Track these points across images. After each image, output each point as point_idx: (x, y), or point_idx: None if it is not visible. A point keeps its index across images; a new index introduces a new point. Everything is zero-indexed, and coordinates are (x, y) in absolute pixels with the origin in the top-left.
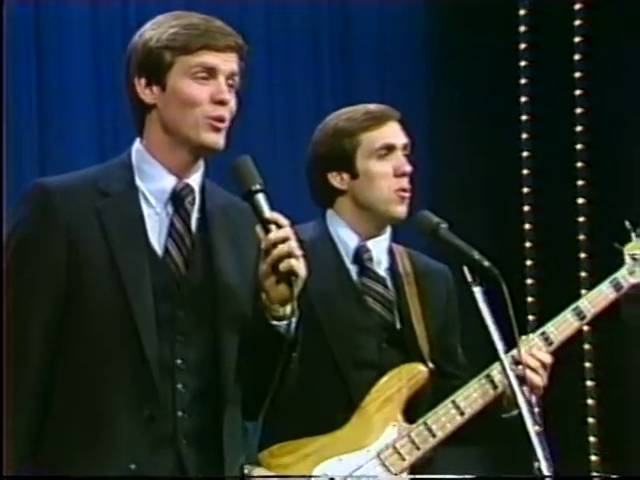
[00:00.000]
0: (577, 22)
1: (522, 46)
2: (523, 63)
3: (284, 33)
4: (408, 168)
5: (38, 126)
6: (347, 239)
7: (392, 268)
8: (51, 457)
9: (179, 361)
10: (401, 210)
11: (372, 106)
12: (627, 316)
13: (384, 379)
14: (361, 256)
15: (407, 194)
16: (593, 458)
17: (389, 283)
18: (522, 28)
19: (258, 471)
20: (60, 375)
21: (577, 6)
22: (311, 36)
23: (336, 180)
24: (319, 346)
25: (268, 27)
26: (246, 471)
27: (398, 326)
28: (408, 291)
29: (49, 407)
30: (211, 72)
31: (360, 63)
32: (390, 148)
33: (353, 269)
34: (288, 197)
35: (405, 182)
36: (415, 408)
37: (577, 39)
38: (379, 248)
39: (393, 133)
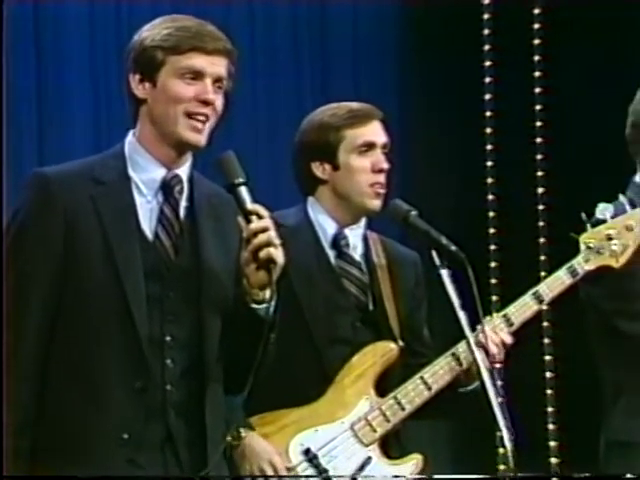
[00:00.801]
0: (536, 25)
1: (486, 47)
2: (487, 63)
3: (267, 34)
4: (385, 165)
5: (37, 124)
6: (326, 225)
7: (366, 254)
8: (50, 427)
9: (168, 338)
10: (376, 204)
11: (355, 105)
12: (585, 296)
13: (357, 355)
14: (339, 242)
15: (382, 190)
16: (551, 427)
17: (364, 267)
18: (486, 31)
19: (252, 434)
20: (58, 349)
21: (536, 10)
22: (292, 37)
23: (319, 170)
24: (297, 323)
25: (252, 28)
26: (243, 434)
27: (371, 307)
28: (380, 275)
29: (48, 380)
30: (198, 74)
31: (337, 63)
32: (371, 145)
33: (331, 253)
34: (268, 187)
35: (382, 178)
36: (386, 383)
37: (536, 41)
38: (355, 235)
39: (375, 132)
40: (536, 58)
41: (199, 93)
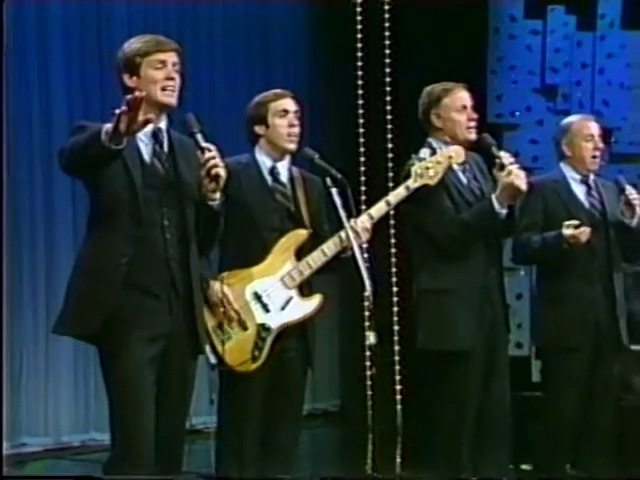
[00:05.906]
0: (387, 15)
1: (358, 27)
2: (358, 38)
3: (226, 35)
4: (296, 122)
5: (39, 124)
6: (266, 162)
7: (291, 178)
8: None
9: (166, 222)
10: (292, 146)
11: (277, 90)
12: (404, 211)
13: (284, 237)
14: (273, 172)
15: (296, 137)
16: (394, 279)
17: (288, 186)
18: (358, 17)
19: (214, 282)
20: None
21: (386, 6)
22: (245, 35)
23: (259, 129)
24: (249, 220)
25: (224, 30)
26: (210, 281)
27: (292, 209)
28: (299, 191)
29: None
30: (163, 63)
31: (272, 54)
32: (286, 111)
33: (268, 179)
34: (234, 140)
35: (295, 130)
36: (301, 253)
37: (386, 24)
38: (283, 167)
39: (288, 104)
40: (387, 34)
41: (166, 74)
